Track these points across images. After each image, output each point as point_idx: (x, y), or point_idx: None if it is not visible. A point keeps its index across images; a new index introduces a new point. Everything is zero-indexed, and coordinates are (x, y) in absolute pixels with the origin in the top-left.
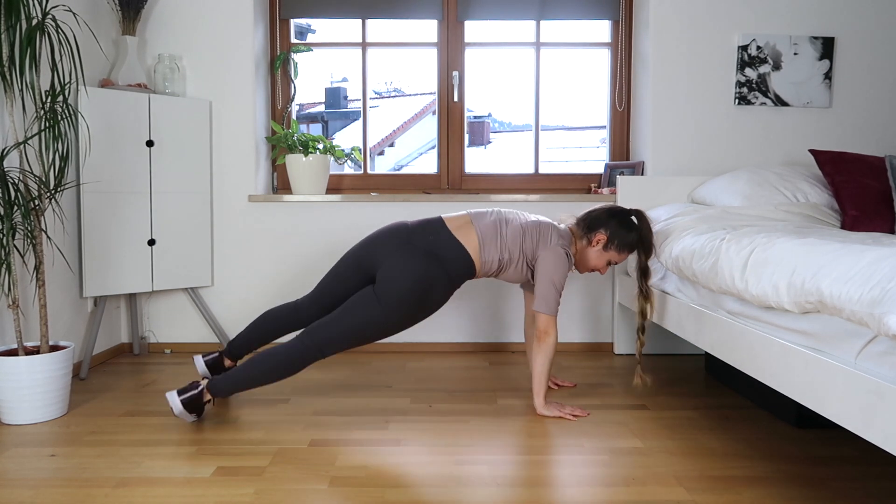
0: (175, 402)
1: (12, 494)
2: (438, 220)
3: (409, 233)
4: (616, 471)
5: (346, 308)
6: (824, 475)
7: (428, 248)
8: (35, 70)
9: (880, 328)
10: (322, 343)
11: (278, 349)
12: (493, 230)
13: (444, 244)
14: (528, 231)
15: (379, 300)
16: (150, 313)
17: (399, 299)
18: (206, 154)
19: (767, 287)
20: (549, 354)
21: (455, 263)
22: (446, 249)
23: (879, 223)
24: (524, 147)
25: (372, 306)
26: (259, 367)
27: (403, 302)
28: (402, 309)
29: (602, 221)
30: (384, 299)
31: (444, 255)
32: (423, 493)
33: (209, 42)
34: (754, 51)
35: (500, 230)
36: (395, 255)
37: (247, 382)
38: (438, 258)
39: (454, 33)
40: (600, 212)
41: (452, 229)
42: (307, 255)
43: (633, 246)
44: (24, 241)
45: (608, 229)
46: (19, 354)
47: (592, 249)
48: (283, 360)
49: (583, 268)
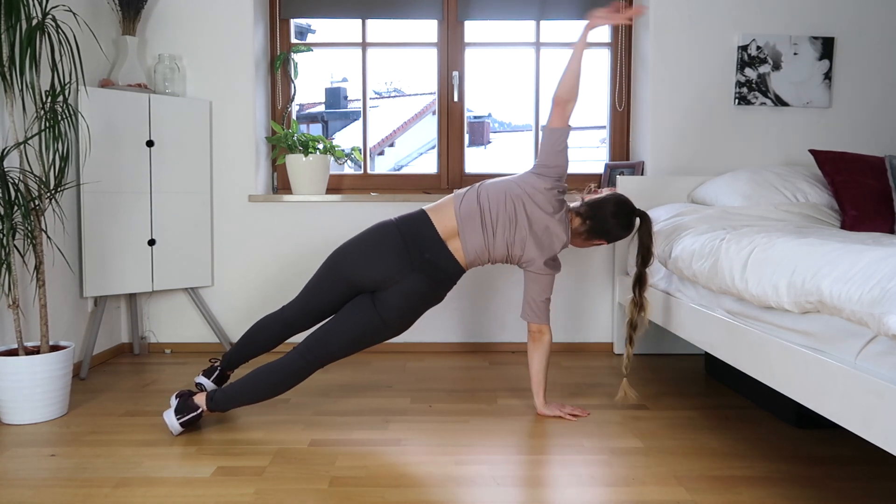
0: (174, 425)
1: (12, 494)
2: (425, 219)
3: (403, 246)
4: (616, 471)
5: (344, 321)
6: (824, 475)
7: (423, 265)
8: (35, 70)
9: (880, 328)
10: (322, 357)
11: (278, 365)
12: (476, 232)
13: (437, 255)
14: (529, 237)
15: (381, 317)
16: (150, 313)
17: (402, 318)
18: (206, 154)
19: (767, 287)
20: (546, 353)
21: (448, 271)
22: (439, 259)
23: (879, 223)
24: (524, 147)
25: (374, 322)
26: (260, 384)
27: (406, 318)
28: (404, 321)
29: (606, 226)
30: (386, 316)
31: (439, 266)
32: (423, 493)
33: (209, 42)
34: (754, 51)
35: (483, 234)
36: (395, 278)
37: (248, 398)
38: (435, 274)
39: (454, 33)
40: (607, 212)
41: (441, 233)
42: (307, 255)
43: (624, 237)
44: (24, 241)
45: (608, 236)
46: (19, 354)
47: (588, 244)
48: (284, 376)
49: (575, 245)
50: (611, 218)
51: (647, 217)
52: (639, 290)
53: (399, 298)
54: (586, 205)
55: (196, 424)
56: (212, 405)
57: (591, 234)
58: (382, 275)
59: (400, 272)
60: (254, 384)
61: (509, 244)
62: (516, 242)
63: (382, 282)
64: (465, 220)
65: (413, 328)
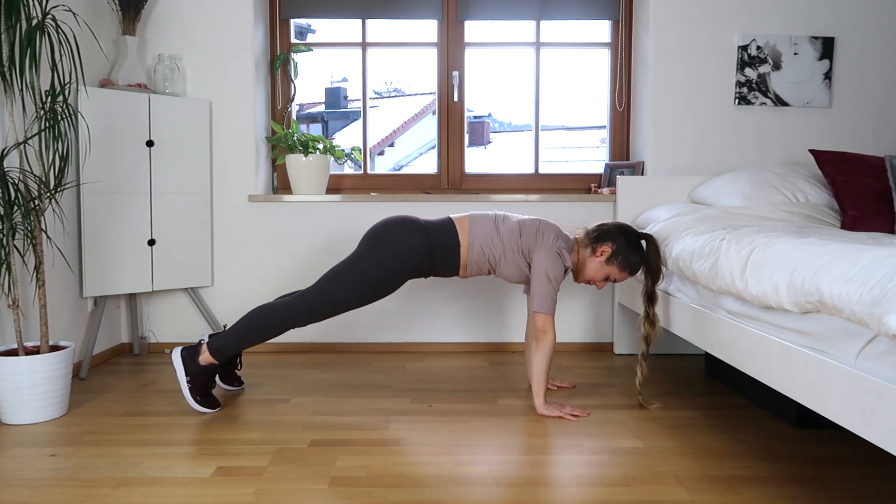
0: (195, 407)
1: (12, 494)
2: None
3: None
4: (616, 471)
5: (340, 265)
6: (824, 475)
7: (424, 225)
8: (35, 70)
9: (880, 328)
10: (318, 300)
11: (277, 305)
12: (486, 219)
13: (438, 223)
14: (526, 227)
15: (361, 249)
16: (150, 313)
17: (376, 253)
18: (206, 154)
19: (767, 287)
20: (548, 354)
21: (441, 238)
22: (438, 227)
23: (879, 223)
24: (524, 147)
25: (354, 257)
26: (258, 323)
27: (392, 261)
28: (380, 259)
29: (611, 235)
30: (364, 247)
31: (433, 231)
32: (423, 493)
33: (209, 42)
34: (754, 51)
35: (495, 221)
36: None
37: (244, 337)
38: (427, 232)
39: (454, 33)
40: (611, 226)
41: (454, 219)
42: (307, 255)
43: (636, 267)
44: (24, 241)
45: (615, 244)
46: (19, 354)
47: (595, 260)
48: (281, 316)
49: (580, 277)
50: (618, 233)
51: (653, 238)
52: (650, 306)
53: (391, 247)
54: (589, 230)
55: (214, 381)
56: (217, 355)
57: (596, 247)
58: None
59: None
60: (251, 323)
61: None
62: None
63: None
64: (476, 218)
65: (413, 328)
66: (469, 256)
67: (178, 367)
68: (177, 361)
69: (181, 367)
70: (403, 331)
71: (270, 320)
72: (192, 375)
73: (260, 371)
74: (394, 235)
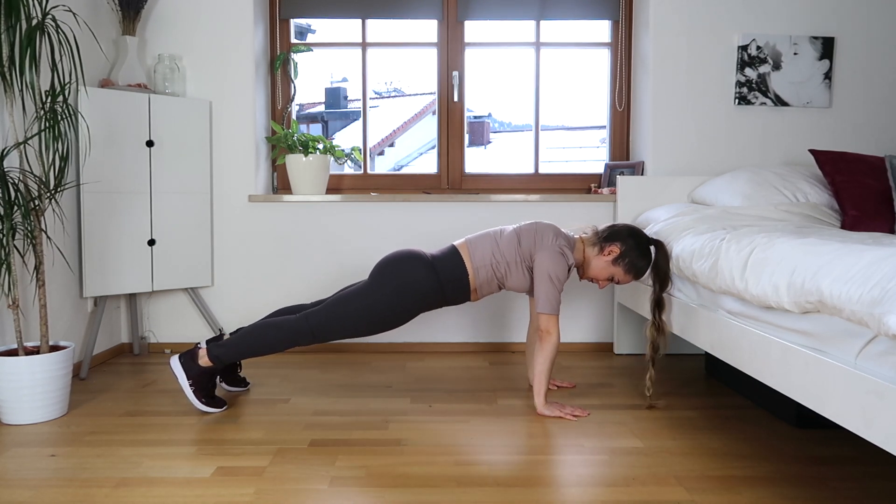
0: (200, 407)
1: (12, 494)
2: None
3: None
4: (616, 471)
5: (347, 294)
6: (824, 475)
7: (431, 260)
8: (35, 70)
9: (880, 328)
10: (321, 324)
11: (283, 321)
12: (485, 238)
13: (444, 255)
14: (523, 233)
15: (370, 280)
16: (150, 313)
17: (396, 293)
18: (206, 154)
19: (767, 287)
20: (551, 354)
21: (449, 271)
22: (444, 259)
23: (879, 223)
24: (524, 147)
25: (363, 286)
26: (258, 336)
27: (401, 296)
28: (398, 299)
29: (621, 237)
30: (374, 279)
31: (440, 264)
32: (423, 493)
33: (209, 42)
34: (754, 51)
35: (494, 238)
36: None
37: (245, 348)
38: (435, 267)
39: (454, 33)
40: (622, 227)
41: (457, 246)
42: (307, 254)
43: (641, 272)
44: (24, 241)
45: (624, 245)
46: (19, 354)
47: (601, 259)
48: (284, 333)
49: (584, 274)
50: (628, 235)
51: (662, 244)
52: (658, 313)
53: (399, 279)
54: (599, 230)
55: (215, 381)
56: (217, 362)
57: (604, 246)
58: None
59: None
60: (254, 338)
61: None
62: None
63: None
64: (473, 242)
65: (413, 328)
66: (477, 281)
67: (179, 372)
68: (176, 367)
69: (181, 371)
70: (403, 331)
71: (273, 337)
72: (193, 378)
73: (260, 371)
74: (402, 271)
